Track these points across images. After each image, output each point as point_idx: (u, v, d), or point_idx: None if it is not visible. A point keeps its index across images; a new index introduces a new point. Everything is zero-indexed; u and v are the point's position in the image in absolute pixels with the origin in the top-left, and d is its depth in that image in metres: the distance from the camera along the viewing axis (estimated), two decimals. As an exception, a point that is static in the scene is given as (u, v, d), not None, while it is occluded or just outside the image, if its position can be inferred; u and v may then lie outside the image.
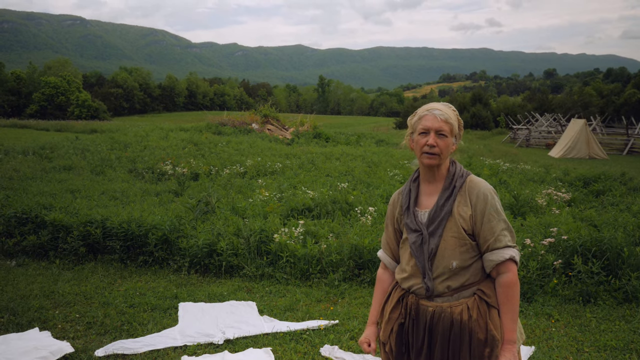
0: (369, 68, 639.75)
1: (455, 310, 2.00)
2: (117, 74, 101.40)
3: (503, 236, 1.99)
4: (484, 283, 2.04)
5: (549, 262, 5.24)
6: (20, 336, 4.16)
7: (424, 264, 2.05)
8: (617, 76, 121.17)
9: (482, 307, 2.00)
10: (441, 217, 2.04)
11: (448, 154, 2.09)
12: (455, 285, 2.02)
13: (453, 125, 2.07)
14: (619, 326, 4.48)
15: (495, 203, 2.03)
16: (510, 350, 1.97)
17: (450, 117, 2.07)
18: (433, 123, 2.05)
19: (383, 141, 21.97)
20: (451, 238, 2.03)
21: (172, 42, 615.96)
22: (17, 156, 13.42)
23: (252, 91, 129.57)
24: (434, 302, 2.05)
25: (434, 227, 2.05)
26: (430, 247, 2.04)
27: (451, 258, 2.02)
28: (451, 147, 2.09)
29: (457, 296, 2.02)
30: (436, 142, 2.04)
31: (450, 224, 2.04)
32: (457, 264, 2.01)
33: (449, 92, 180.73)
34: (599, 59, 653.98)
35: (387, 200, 8.34)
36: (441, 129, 2.04)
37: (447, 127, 2.05)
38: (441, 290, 2.03)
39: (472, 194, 2.04)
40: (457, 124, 2.11)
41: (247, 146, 16.24)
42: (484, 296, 2.01)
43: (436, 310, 2.02)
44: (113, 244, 6.27)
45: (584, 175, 11.24)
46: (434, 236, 2.05)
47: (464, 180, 2.08)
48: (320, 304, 5.02)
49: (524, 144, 30.70)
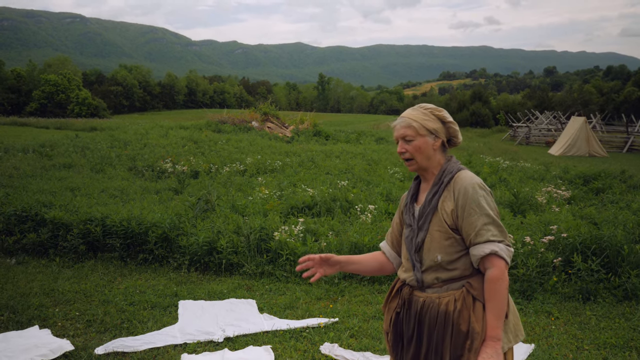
0: (369, 66, 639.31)
1: (442, 301, 2.03)
2: (117, 72, 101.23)
3: (485, 230, 1.98)
4: (475, 277, 2.05)
5: (548, 259, 5.25)
6: (20, 334, 4.17)
7: (412, 257, 2.12)
8: (617, 74, 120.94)
9: (467, 300, 2.01)
10: (427, 212, 2.10)
11: (428, 153, 2.12)
12: (445, 278, 2.06)
13: (417, 127, 2.10)
14: (618, 324, 4.48)
15: (478, 197, 2.01)
16: (493, 347, 1.96)
17: (412, 120, 2.11)
18: (397, 132, 2.15)
19: (383, 139, 21.98)
20: (436, 232, 2.07)
21: (172, 39, 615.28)
22: (17, 154, 13.42)
23: (252, 89, 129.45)
24: (425, 292, 2.10)
25: (422, 221, 2.11)
26: (417, 240, 2.11)
27: (436, 251, 2.06)
28: (429, 146, 2.11)
29: (446, 287, 2.06)
30: (405, 148, 2.12)
31: (435, 218, 2.08)
32: (441, 257, 2.05)
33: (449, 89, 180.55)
34: (599, 56, 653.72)
35: (387, 198, 8.35)
36: (405, 134, 2.12)
37: (410, 130, 2.11)
38: (430, 281, 2.08)
39: (455, 188, 2.06)
40: (434, 122, 2.12)
41: (247, 144, 16.24)
42: (470, 289, 2.02)
43: (426, 300, 2.08)
44: (113, 242, 6.27)
45: (583, 173, 11.25)
46: (421, 230, 2.11)
47: (452, 176, 2.10)
48: (320, 302, 5.03)
49: (524, 141, 30.70)
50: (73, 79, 73.99)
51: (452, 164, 2.14)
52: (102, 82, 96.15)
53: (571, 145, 22.66)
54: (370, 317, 4.64)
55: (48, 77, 73.39)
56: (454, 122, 2.18)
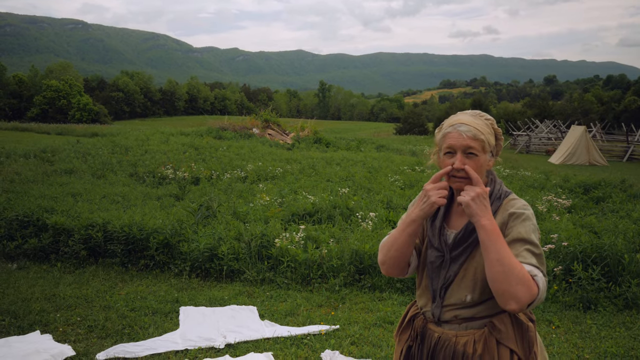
0: (370, 74, 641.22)
1: (460, 341, 1.78)
2: (119, 78, 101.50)
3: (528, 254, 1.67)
4: (499, 317, 1.77)
5: (549, 268, 5.25)
6: (22, 339, 4.17)
7: (437, 290, 1.84)
8: (617, 83, 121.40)
9: (490, 343, 1.74)
10: (467, 244, 1.78)
11: (483, 172, 1.81)
12: (465, 316, 1.80)
13: (485, 141, 1.77)
14: (619, 333, 4.49)
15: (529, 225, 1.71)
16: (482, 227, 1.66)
17: (479, 132, 1.76)
18: (459, 141, 1.75)
19: (383, 146, 22.02)
20: (473, 269, 1.77)
21: (173, 46, 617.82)
22: (18, 159, 13.44)
23: (252, 96, 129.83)
24: (441, 327, 1.85)
25: (458, 252, 1.80)
26: (449, 274, 1.81)
27: (467, 290, 1.78)
28: (486, 165, 1.80)
29: (465, 326, 1.80)
30: (464, 163, 1.75)
31: (476, 253, 1.77)
32: (470, 298, 1.77)
33: (449, 98, 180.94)
34: (598, 65, 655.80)
35: (387, 206, 8.37)
36: (469, 146, 1.75)
37: (477, 144, 1.75)
38: (448, 318, 1.82)
39: (505, 214, 1.76)
40: (493, 136, 1.83)
41: (248, 151, 16.28)
42: (494, 331, 1.75)
43: (442, 337, 1.83)
44: (114, 248, 6.27)
45: (584, 181, 11.27)
46: (455, 263, 1.80)
47: (500, 203, 1.79)
48: (321, 309, 5.03)
49: (524, 150, 30.74)
50: (74, 85, 74.19)
51: (497, 186, 1.84)
52: (103, 88, 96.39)
53: (571, 154, 22.69)
54: (371, 325, 4.64)
55: (50, 82, 73.61)
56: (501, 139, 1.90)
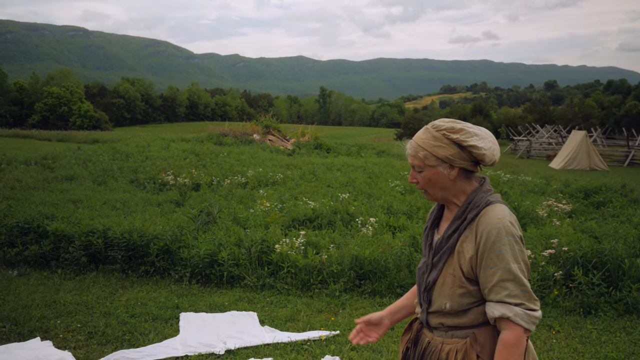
0: (370, 79, 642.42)
1: (445, 348, 1.79)
2: (119, 85, 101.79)
3: (501, 288, 1.64)
4: (482, 329, 1.75)
5: (549, 273, 5.25)
6: (22, 345, 4.17)
7: (421, 294, 1.88)
8: (618, 88, 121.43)
9: (470, 355, 1.73)
10: (443, 250, 1.79)
11: (442, 184, 1.78)
12: (450, 324, 1.80)
13: (423, 157, 1.76)
14: (619, 338, 4.48)
15: (501, 246, 1.65)
16: None
17: (419, 149, 1.77)
18: (409, 159, 1.83)
19: (384, 152, 22.03)
20: (450, 276, 1.77)
21: (174, 53, 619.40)
22: (19, 166, 13.47)
23: (253, 102, 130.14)
24: (432, 333, 1.87)
25: (437, 259, 1.81)
26: (428, 279, 1.83)
27: (445, 298, 1.78)
28: (442, 177, 1.76)
29: (450, 334, 1.80)
30: (416, 178, 1.82)
31: (451, 260, 1.77)
32: (450, 306, 1.77)
33: (450, 103, 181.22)
34: (599, 70, 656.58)
35: (388, 211, 8.37)
36: (413, 164, 1.82)
37: (417, 160, 1.79)
38: (435, 324, 1.84)
39: (479, 229, 1.70)
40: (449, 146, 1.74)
41: (249, 157, 16.30)
42: (475, 344, 1.74)
43: (431, 342, 1.85)
44: (114, 254, 6.28)
45: (584, 186, 11.27)
46: (435, 269, 1.82)
47: (478, 211, 1.73)
48: (321, 315, 5.03)
49: (525, 155, 30.75)
50: (75, 92, 74.48)
51: (479, 195, 1.77)
52: (104, 94, 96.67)
53: (572, 159, 22.69)
54: (372, 330, 4.63)
55: (50, 89, 73.90)
56: (476, 144, 1.73)
